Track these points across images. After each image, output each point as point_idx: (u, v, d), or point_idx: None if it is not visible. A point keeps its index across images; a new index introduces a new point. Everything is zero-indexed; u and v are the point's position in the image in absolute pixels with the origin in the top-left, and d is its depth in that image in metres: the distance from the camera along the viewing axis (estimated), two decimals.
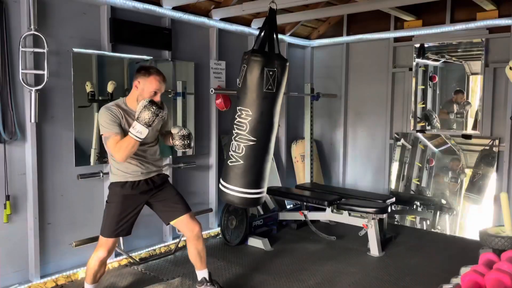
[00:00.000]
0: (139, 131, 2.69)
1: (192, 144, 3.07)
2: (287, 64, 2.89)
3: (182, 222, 3.05)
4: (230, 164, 2.88)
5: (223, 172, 3.00)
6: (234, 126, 2.86)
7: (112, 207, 2.93)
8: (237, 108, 2.86)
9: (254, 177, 2.87)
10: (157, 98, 2.87)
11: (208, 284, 3.16)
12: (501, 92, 4.71)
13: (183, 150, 3.19)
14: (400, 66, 5.44)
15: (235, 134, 2.85)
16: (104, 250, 2.94)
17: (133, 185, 2.93)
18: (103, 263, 2.98)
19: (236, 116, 2.86)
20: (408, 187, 5.34)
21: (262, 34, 2.89)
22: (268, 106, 2.80)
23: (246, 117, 2.80)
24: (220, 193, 3.03)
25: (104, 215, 2.97)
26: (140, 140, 2.71)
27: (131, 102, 2.90)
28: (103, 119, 2.79)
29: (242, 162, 2.82)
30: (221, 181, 2.97)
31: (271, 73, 2.72)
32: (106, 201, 3.00)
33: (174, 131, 3.04)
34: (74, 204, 3.71)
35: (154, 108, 2.69)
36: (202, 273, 3.19)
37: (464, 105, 4.98)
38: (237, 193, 2.88)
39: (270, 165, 2.98)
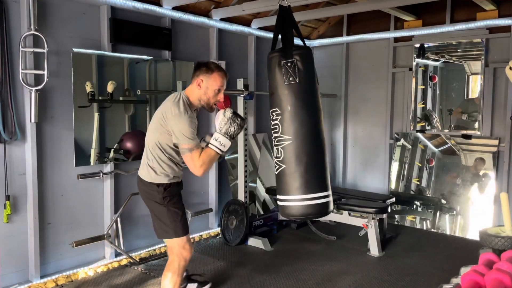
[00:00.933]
0: (223, 144, 2.57)
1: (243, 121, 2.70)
2: (309, 52, 2.65)
3: None
4: (276, 173, 2.59)
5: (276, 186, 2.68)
6: (272, 132, 2.61)
7: (177, 205, 2.79)
8: (270, 112, 2.64)
9: (303, 180, 2.49)
10: (221, 96, 2.76)
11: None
12: (501, 92, 4.71)
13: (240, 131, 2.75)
14: (400, 66, 5.45)
15: (274, 140, 2.58)
16: (188, 248, 2.78)
17: (178, 184, 2.86)
18: (187, 263, 2.83)
19: (271, 121, 2.63)
20: (408, 187, 5.34)
21: (276, 33, 2.74)
22: (294, 98, 2.53)
23: (276, 116, 2.57)
24: (279, 209, 2.67)
25: (169, 216, 2.74)
26: (221, 153, 2.59)
27: (193, 101, 2.73)
28: (184, 129, 2.56)
29: (284, 166, 2.52)
30: (277, 196, 2.64)
31: (289, 64, 2.51)
32: (161, 203, 2.75)
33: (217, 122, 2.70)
34: (74, 204, 3.71)
35: (239, 120, 2.58)
36: None
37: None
38: (290, 202, 2.51)
39: (325, 163, 2.60)
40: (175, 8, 4.27)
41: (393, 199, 4.94)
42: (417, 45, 5.22)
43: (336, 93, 5.84)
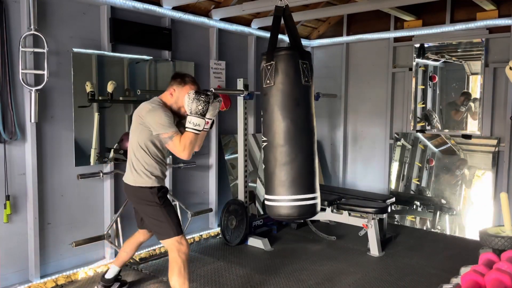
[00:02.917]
0: (196, 123, 2.66)
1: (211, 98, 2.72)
2: (293, 53, 2.54)
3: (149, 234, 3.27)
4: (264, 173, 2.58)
5: None
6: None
7: (170, 204, 2.91)
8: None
9: (277, 180, 2.43)
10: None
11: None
12: (501, 92, 4.71)
13: (216, 111, 2.84)
14: (400, 66, 5.45)
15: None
16: (185, 243, 2.84)
17: (163, 188, 2.92)
18: (188, 258, 2.87)
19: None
20: (408, 187, 5.34)
21: (275, 33, 2.70)
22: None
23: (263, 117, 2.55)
24: (266, 209, 2.60)
25: (166, 216, 2.82)
26: (198, 132, 2.69)
27: (167, 105, 2.87)
28: (160, 119, 2.71)
29: (264, 166, 2.54)
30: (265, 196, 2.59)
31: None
32: (156, 205, 2.83)
33: (186, 107, 2.71)
34: (74, 204, 3.71)
35: (203, 97, 2.65)
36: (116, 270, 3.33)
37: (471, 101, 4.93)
38: (277, 202, 2.45)
39: (313, 164, 2.49)
40: (175, 8, 4.28)
41: (393, 199, 4.94)
42: (417, 45, 5.22)
43: (336, 93, 5.84)
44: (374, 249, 4.22)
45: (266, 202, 2.52)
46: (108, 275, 3.30)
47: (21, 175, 3.37)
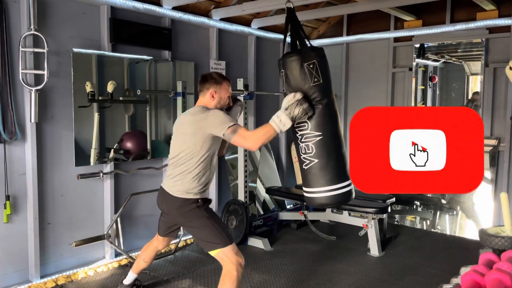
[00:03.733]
0: (284, 123, 2.53)
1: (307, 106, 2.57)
2: (323, 52, 2.76)
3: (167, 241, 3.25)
4: (306, 168, 2.69)
5: (302, 180, 2.78)
6: (296, 129, 2.67)
7: (216, 215, 2.94)
8: None
9: (335, 171, 2.66)
10: (230, 101, 2.92)
11: None
12: (501, 92, 4.71)
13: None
14: (400, 66, 5.44)
15: (300, 137, 2.67)
16: (240, 254, 2.77)
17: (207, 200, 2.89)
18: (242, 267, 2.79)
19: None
20: None
21: (288, 35, 2.76)
22: (322, 97, 2.62)
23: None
24: (308, 201, 2.80)
25: (216, 227, 2.78)
26: (279, 132, 2.58)
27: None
28: (219, 117, 2.65)
29: (317, 160, 2.65)
30: (304, 189, 2.77)
31: (311, 66, 2.60)
32: (205, 216, 2.80)
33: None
34: (74, 204, 3.71)
35: (307, 106, 2.51)
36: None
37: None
38: (324, 193, 2.66)
39: (346, 154, 2.76)
40: (175, 8, 4.27)
41: (393, 199, 4.93)
42: (417, 45, 5.22)
43: (336, 93, 5.81)
44: (374, 249, 4.22)
45: (307, 195, 2.72)
46: (126, 282, 3.30)
47: (21, 175, 3.37)
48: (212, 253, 2.79)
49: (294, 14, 2.72)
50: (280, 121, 2.54)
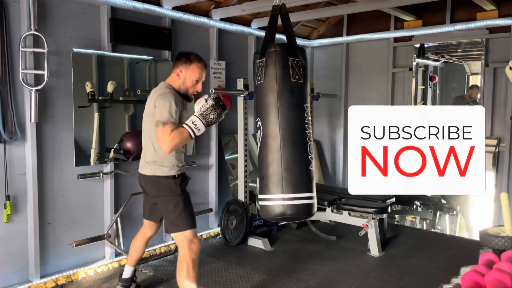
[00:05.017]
0: (198, 128, 2.61)
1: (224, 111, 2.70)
2: (306, 55, 2.65)
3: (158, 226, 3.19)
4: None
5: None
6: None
7: (186, 197, 2.85)
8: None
9: (286, 179, 2.40)
10: (199, 86, 2.85)
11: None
12: (501, 92, 4.71)
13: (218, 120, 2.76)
14: (400, 66, 5.44)
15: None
16: (196, 240, 2.78)
17: (182, 177, 2.87)
18: (199, 257, 2.83)
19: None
20: None
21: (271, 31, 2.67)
22: (255, 96, 2.63)
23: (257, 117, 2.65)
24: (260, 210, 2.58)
25: (179, 209, 2.77)
26: (193, 136, 2.63)
27: (175, 89, 2.82)
28: (168, 104, 2.63)
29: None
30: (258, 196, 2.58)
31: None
32: (178, 195, 2.79)
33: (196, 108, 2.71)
34: (74, 204, 3.71)
35: (220, 110, 2.60)
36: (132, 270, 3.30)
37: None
38: (271, 202, 2.40)
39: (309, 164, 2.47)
40: (175, 8, 4.27)
41: (393, 199, 4.93)
42: (417, 45, 5.22)
43: (336, 93, 5.84)
44: (374, 249, 4.22)
45: (260, 202, 2.47)
46: (125, 275, 3.28)
47: (21, 175, 3.37)
48: (173, 234, 2.83)
49: (285, 10, 2.66)
50: (195, 126, 2.61)
